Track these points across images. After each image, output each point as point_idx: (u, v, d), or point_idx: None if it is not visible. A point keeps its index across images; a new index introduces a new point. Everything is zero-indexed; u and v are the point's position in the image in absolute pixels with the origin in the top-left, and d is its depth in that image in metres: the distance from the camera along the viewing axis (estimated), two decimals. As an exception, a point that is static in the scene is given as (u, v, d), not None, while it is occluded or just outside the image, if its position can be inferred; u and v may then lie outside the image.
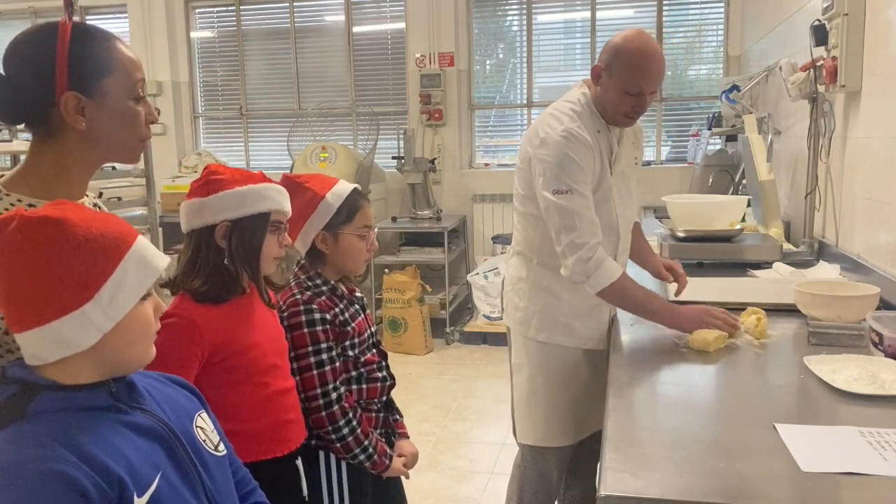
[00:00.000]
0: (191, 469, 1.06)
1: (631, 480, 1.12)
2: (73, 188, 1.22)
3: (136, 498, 0.94)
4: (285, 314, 1.69)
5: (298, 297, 1.71)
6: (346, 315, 1.75)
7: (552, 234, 1.95)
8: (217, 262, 1.52)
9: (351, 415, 1.72)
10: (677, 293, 2.12)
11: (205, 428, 1.15)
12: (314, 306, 1.69)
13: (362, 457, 1.73)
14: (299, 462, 1.66)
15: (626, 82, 1.92)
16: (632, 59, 1.91)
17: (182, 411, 1.12)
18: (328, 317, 1.70)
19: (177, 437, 1.06)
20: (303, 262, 1.79)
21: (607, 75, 1.95)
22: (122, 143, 1.23)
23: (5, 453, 0.90)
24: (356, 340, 1.76)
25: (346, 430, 1.70)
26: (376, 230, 1.83)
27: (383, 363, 1.85)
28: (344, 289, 1.80)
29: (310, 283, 1.74)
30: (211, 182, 1.53)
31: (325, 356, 1.69)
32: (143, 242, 1.01)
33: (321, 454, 1.75)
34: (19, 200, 1.15)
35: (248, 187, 1.53)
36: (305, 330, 1.68)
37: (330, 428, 1.69)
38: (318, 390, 1.68)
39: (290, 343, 1.68)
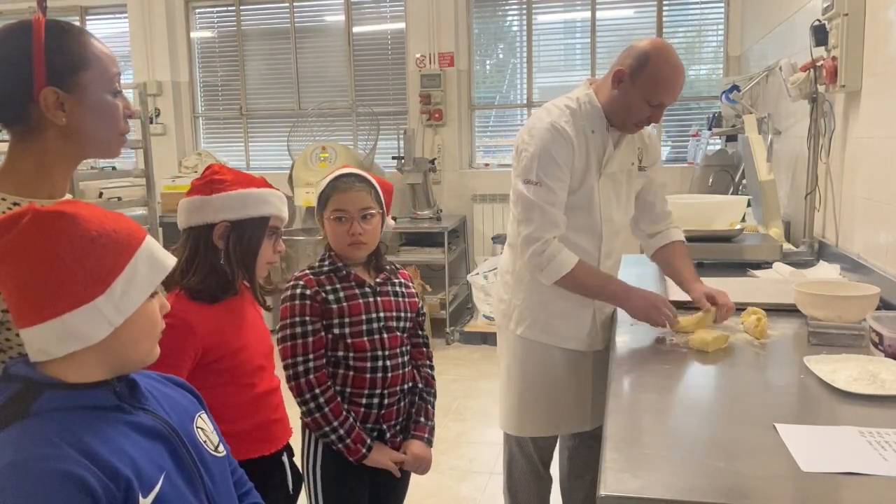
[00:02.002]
0: (193, 470, 1.06)
1: (631, 480, 1.12)
2: (56, 186, 1.22)
3: (140, 498, 0.94)
4: (284, 287, 1.78)
5: (298, 273, 1.80)
6: (340, 294, 1.78)
7: (515, 223, 1.99)
8: (214, 261, 1.53)
9: (318, 391, 1.73)
10: (717, 321, 1.92)
11: (205, 429, 1.15)
12: (301, 282, 1.77)
13: (333, 437, 1.75)
14: (285, 458, 1.68)
15: (652, 93, 1.90)
16: (664, 72, 1.89)
17: (183, 412, 1.12)
18: (308, 292, 1.76)
19: (180, 437, 1.06)
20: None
21: (631, 81, 1.91)
22: (103, 137, 1.23)
23: (12, 452, 0.89)
24: (346, 321, 1.77)
25: (312, 405, 1.73)
26: (361, 219, 1.78)
27: (382, 353, 1.79)
28: (355, 272, 1.82)
29: (317, 264, 1.82)
30: (214, 181, 1.54)
31: (298, 329, 1.74)
32: (152, 241, 1.03)
33: (306, 431, 1.81)
34: (3, 199, 1.15)
35: (251, 190, 1.55)
36: (287, 303, 1.77)
37: (298, 400, 1.75)
38: (289, 360, 1.74)
39: (281, 314, 1.77)
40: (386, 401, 1.82)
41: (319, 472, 1.81)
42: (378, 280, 1.85)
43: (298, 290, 1.76)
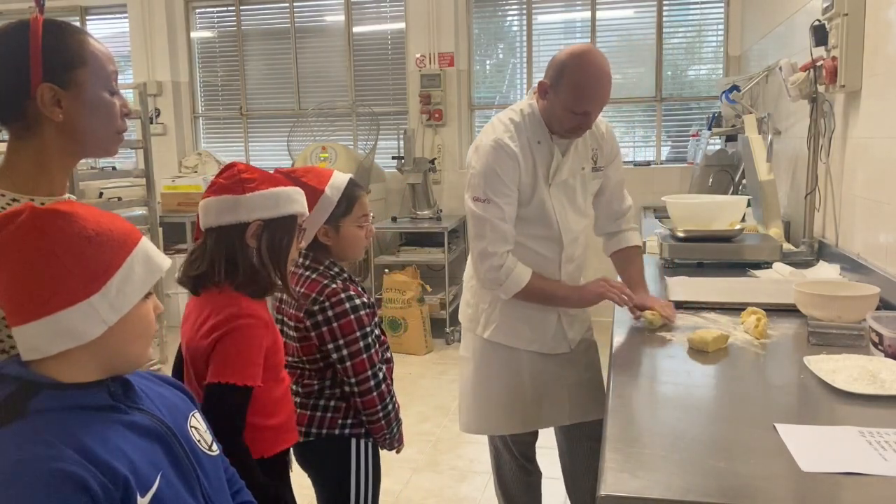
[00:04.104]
0: (189, 469, 1.06)
1: (631, 480, 1.12)
2: (55, 184, 1.22)
3: (138, 498, 0.95)
4: (326, 304, 1.70)
5: (334, 286, 1.73)
6: (367, 297, 1.82)
7: (469, 239, 2.05)
8: (250, 259, 1.52)
9: (393, 392, 1.81)
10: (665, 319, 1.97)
11: (199, 428, 1.15)
12: (352, 293, 1.73)
13: (396, 430, 1.83)
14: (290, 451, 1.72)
15: (573, 103, 1.91)
16: (578, 81, 1.89)
17: (177, 411, 1.12)
18: (365, 300, 1.75)
19: (175, 436, 1.06)
20: (311, 254, 1.81)
21: (553, 92, 1.94)
22: (100, 134, 1.23)
23: (10, 452, 0.89)
24: (377, 320, 1.82)
25: (390, 406, 1.79)
26: (372, 215, 1.87)
27: (389, 343, 1.91)
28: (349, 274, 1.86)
29: (331, 273, 1.78)
30: (245, 180, 1.52)
31: (370, 339, 1.74)
32: (148, 242, 1.03)
33: (353, 441, 1.80)
34: (2, 195, 1.16)
35: (281, 189, 1.54)
36: (352, 316, 1.71)
37: (380, 406, 1.76)
38: (369, 372, 1.74)
39: (334, 332, 1.70)
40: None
41: (371, 477, 1.83)
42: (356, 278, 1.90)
43: (358, 301, 1.73)
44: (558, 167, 2.04)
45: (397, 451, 1.92)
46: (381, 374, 1.76)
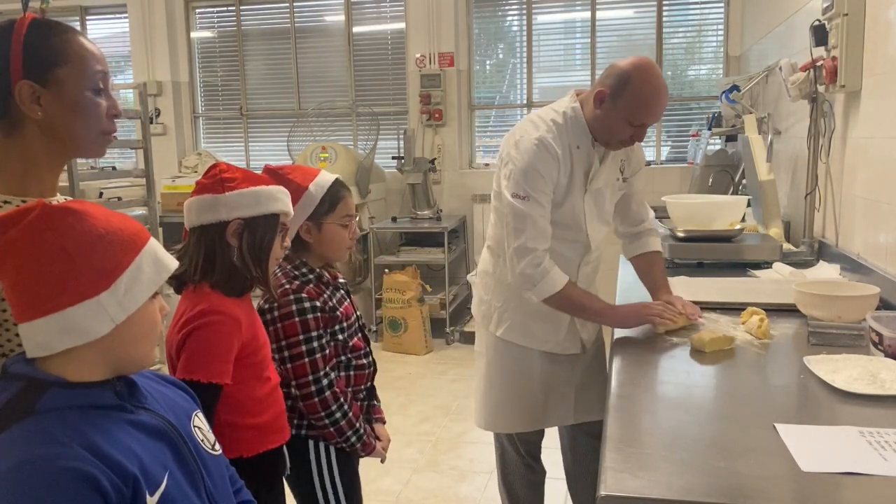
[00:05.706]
0: (194, 468, 1.06)
1: (631, 480, 1.12)
2: (44, 184, 1.21)
3: (148, 497, 0.95)
4: (275, 304, 1.71)
5: (287, 286, 1.73)
6: (334, 300, 1.79)
7: (504, 235, 2.00)
8: (230, 258, 1.53)
9: (342, 399, 1.76)
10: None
11: (202, 427, 1.15)
12: (304, 295, 1.72)
13: (353, 439, 1.78)
14: (284, 448, 1.72)
15: (633, 114, 1.90)
16: (643, 94, 1.88)
17: (180, 411, 1.12)
18: (318, 304, 1.73)
19: (181, 436, 1.06)
20: (286, 251, 1.79)
21: (612, 102, 1.91)
22: (82, 134, 1.21)
23: (21, 451, 0.89)
24: (344, 325, 1.79)
25: (338, 415, 1.75)
26: (358, 218, 1.86)
27: (368, 349, 1.87)
28: (328, 275, 1.82)
29: (296, 272, 1.77)
30: (225, 179, 1.53)
31: (315, 344, 1.72)
32: (156, 242, 1.04)
33: (311, 443, 1.79)
34: None
35: (262, 188, 1.55)
36: (296, 319, 1.70)
37: (323, 413, 1.73)
38: (310, 377, 1.72)
39: (278, 333, 1.71)
40: (370, 392, 1.89)
41: (339, 484, 1.80)
42: (341, 280, 1.87)
43: (307, 304, 1.72)
44: (595, 174, 2.04)
45: (381, 461, 1.91)
46: (325, 381, 1.72)
